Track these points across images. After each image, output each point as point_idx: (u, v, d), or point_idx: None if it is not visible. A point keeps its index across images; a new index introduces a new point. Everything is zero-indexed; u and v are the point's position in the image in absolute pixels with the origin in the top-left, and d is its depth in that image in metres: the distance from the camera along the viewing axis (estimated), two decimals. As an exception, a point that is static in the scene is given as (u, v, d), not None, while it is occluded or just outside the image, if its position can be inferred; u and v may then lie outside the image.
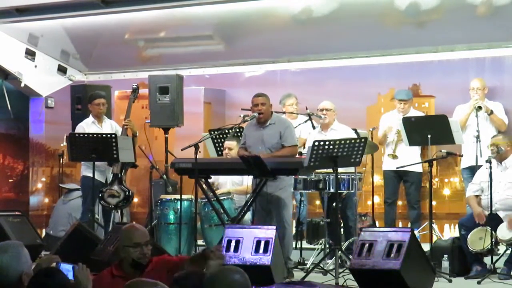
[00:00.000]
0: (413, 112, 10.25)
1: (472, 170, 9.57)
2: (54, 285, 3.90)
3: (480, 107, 9.80)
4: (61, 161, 12.21)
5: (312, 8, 11.10)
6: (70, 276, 4.24)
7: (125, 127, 9.89)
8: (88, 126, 9.91)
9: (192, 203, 9.23)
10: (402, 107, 10.19)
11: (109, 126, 10.02)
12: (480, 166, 9.18)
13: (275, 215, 8.67)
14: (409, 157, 9.92)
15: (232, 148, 9.59)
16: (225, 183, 9.94)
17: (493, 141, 9.00)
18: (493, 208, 8.69)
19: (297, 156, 8.97)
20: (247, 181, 9.18)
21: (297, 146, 8.92)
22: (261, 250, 7.63)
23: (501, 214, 8.75)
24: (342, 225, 9.53)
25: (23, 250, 4.07)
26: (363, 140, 8.41)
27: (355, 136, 9.49)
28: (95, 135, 9.47)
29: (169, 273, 5.00)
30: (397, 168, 9.87)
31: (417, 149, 10.10)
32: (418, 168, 10.08)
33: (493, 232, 8.47)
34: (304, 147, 9.65)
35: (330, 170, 8.74)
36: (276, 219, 8.63)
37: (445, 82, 10.89)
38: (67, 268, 4.36)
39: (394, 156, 10.05)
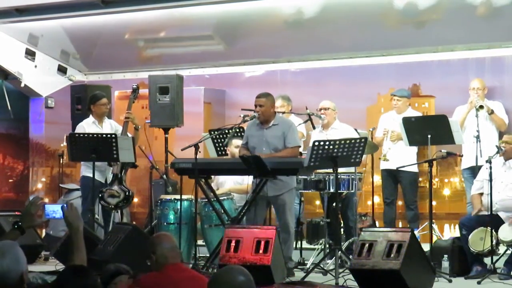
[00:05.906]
0: (411, 112, 10.24)
1: (473, 170, 9.56)
2: (83, 285, 3.87)
3: (482, 106, 9.78)
4: (61, 161, 12.19)
5: (312, 8, 11.10)
6: (59, 215, 4.18)
7: (126, 120, 9.86)
8: (88, 126, 9.90)
9: (192, 203, 9.22)
10: (395, 103, 10.21)
11: (109, 126, 10.00)
12: (481, 166, 9.15)
13: (278, 218, 8.66)
14: (403, 157, 9.92)
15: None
16: (225, 181, 9.93)
17: (505, 139, 8.93)
18: (493, 209, 8.69)
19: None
20: (248, 180, 9.17)
21: (299, 147, 8.90)
22: (261, 250, 7.62)
23: (502, 215, 8.74)
24: (342, 225, 9.54)
25: (19, 250, 4.03)
26: (363, 140, 8.40)
27: (356, 134, 9.49)
28: (95, 135, 9.46)
29: None
30: (397, 168, 9.87)
31: (413, 149, 10.10)
32: (413, 168, 10.07)
33: (494, 232, 8.46)
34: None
35: (330, 170, 8.73)
36: (280, 222, 8.61)
37: (445, 82, 10.89)
38: (54, 209, 4.28)
39: (385, 159, 10.07)
